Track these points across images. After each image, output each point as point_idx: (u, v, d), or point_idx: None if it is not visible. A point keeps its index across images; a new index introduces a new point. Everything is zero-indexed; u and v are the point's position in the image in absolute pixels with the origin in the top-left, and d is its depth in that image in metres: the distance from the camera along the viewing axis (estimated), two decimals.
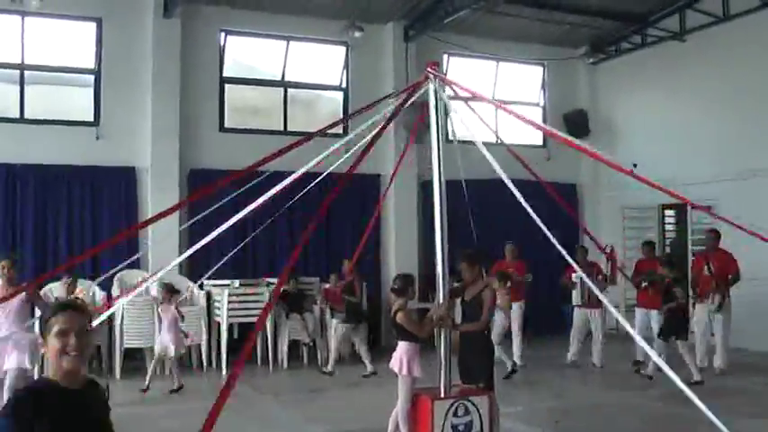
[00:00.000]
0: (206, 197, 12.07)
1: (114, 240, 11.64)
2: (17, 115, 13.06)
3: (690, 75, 15.15)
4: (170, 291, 11.15)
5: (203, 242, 6.51)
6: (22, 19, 13.01)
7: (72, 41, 13.58)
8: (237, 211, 6.83)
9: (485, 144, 7.66)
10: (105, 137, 13.34)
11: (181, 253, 13.09)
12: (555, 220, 8.37)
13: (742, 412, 8.75)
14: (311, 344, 12.84)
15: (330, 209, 13.69)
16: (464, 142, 8.47)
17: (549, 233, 6.65)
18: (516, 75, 17.40)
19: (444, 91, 7.67)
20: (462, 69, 16.38)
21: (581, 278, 12.12)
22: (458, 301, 7.91)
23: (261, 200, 6.67)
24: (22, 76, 13.11)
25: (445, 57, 15.99)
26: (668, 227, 16.74)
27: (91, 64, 13.56)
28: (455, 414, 7.11)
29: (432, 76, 7.42)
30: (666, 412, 9.48)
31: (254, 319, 12.45)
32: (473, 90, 8.48)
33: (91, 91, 13.53)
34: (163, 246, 11.92)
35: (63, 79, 13.73)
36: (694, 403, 4.85)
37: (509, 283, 11.78)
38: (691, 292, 12.40)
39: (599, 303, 12.27)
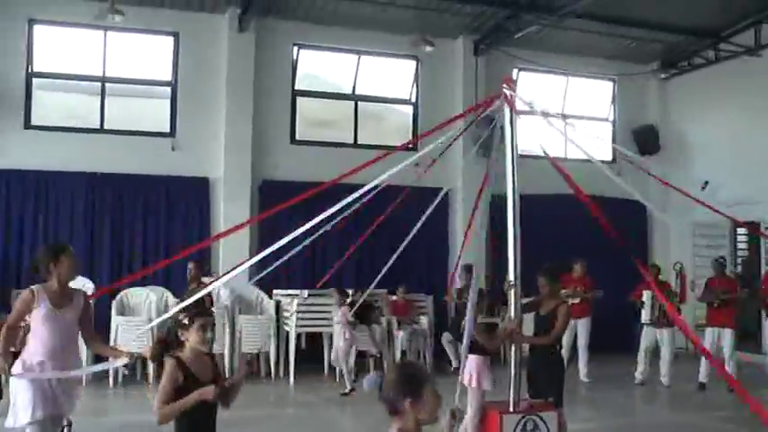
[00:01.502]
0: (275, 209, 12.36)
1: (188, 251, 11.90)
2: (97, 126, 13.52)
3: (764, 90, 14.87)
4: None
5: (270, 249, 6.69)
6: (105, 34, 13.48)
7: (150, 55, 13.99)
8: (304, 224, 7.02)
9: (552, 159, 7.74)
10: (180, 148, 13.69)
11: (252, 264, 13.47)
12: (625, 237, 8.38)
13: None
14: (378, 355, 12.94)
15: (399, 222, 13.89)
16: (531, 157, 8.52)
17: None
18: (586, 90, 17.32)
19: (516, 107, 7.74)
20: (532, 84, 16.38)
21: (651, 296, 12.07)
22: (529, 315, 7.94)
23: (328, 213, 6.78)
24: (103, 88, 13.57)
25: (515, 71, 16.00)
26: (740, 245, 16.46)
27: (168, 77, 13.94)
28: (523, 428, 7.14)
29: (506, 92, 7.51)
30: None
31: (322, 329, 12.66)
32: (543, 107, 8.51)
33: (167, 103, 13.91)
34: (234, 255, 12.18)
35: (141, 91, 14.16)
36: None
37: None
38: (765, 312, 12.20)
39: (668, 322, 12.17)
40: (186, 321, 4.56)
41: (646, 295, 12.33)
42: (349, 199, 7.21)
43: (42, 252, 5.74)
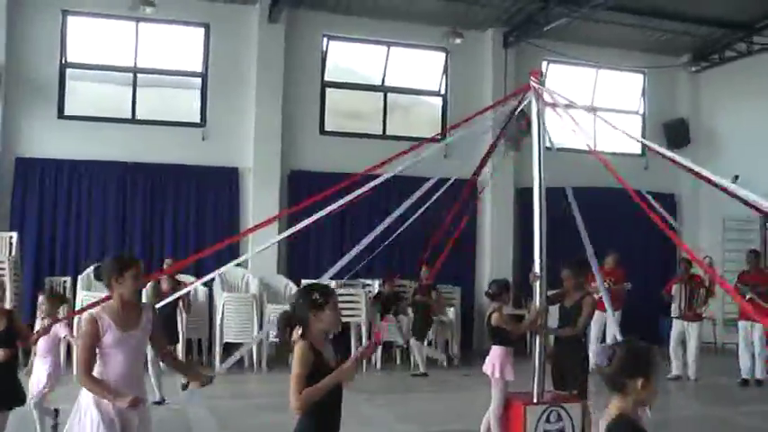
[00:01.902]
0: (306, 200, 12.38)
1: (220, 245, 11.99)
2: (129, 116, 13.69)
3: None
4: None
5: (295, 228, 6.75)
6: (137, 25, 13.65)
7: (181, 46, 14.13)
8: (336, 214, 7.11)
9: (580, 152, 7.78)
10: (211, 138, 13.82)
11: (279, 253, 13.61)
12: (653, 231, 8.38)
13: None
14: (405, 345, 13.02)
15: (427, 213, 13.95)
16: (562, 150, 8.53)
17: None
18: (616, 82, 17.23)
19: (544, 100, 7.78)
20: (561, 76, 16.33)
21: (680, 290, 12.05)
22: (554, 308, 7.96)
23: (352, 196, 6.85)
24: (135, 78, 13.73)
25: (544, 63, 15.96)
26: None
27: (198, 67, 14.07)
28: (547, 420, 7.19)
29: (534, 85, 7.55)
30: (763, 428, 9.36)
31: (350, 320, 12.74)
32: (571, 99, 8.51)
33: (198, 93, 14.05)
34: (262, 242, 12.28)
35: (172, 82, 14.31)
36: None
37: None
38: None
39: (697, 316, 12.16)
40: (321, 301, 4.34)
41: (675, 289, 12.29)
42: (375, 182, 7.30)
43: (108, 264, 4.95)
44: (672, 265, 15.09)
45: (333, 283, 12.89)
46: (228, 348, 12.67)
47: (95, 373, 4.69)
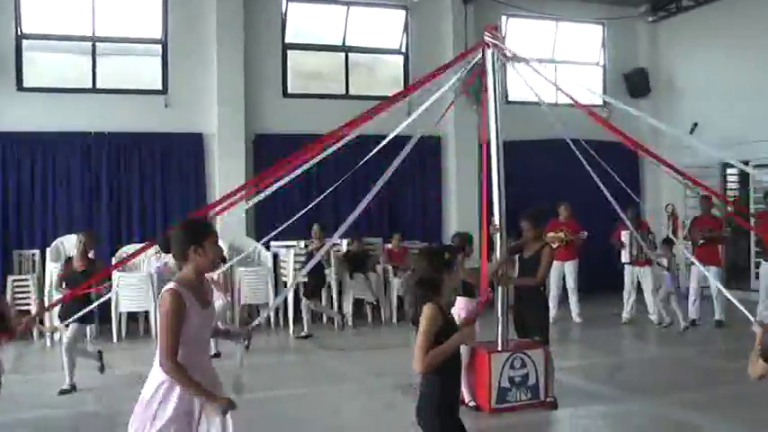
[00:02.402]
0: (272, 162, 12.48)
1: (189, 217, 12.01)
2: (90, 86, 13.59)
3: (752, 30, 14.88)
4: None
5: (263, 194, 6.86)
6: None
7: (140, 13, 14.00)
8: (302, 175, 7.22)
9: (539, 105, 7.94)
10: (173, 105, 13.77)
11: (248, 216, 13.68)
12: (612, 180, 8.57)
13: None
14: (375, 302, 13.21)
15: (393, 171, 14.06)
16: (522, 103, 8.67)
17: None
18: (576, 35, 17.34)
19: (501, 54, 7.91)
20: (521, 30, 16.42)
21: (630, 236, 12.36)
22: (516, 257, 8.16)
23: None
24: (93, 47, 13.62)
25: (504, 18, 16.04)
26: (730, 185, 16.64)
27: (158, 34, 13.97)
28: (511, 366, 7.44)
29: (489, 39, 7.68)
30: (722, 367, 9.65)
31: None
32: (527, 57, 8.63)
33: (159, 60, 13.97)
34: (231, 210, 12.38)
35: (132, 50, 14.19)
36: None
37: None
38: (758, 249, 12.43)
39: (647, 260, 12.46)
40: (450, 260, 4.36)
41: (624, 235, 12.58)
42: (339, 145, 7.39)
43: (184, 232, 4.27)
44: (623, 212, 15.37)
45: (302, 243, 13.10)
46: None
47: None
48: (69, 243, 12.38)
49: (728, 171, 16.25)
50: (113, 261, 12.12)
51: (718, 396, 8.23)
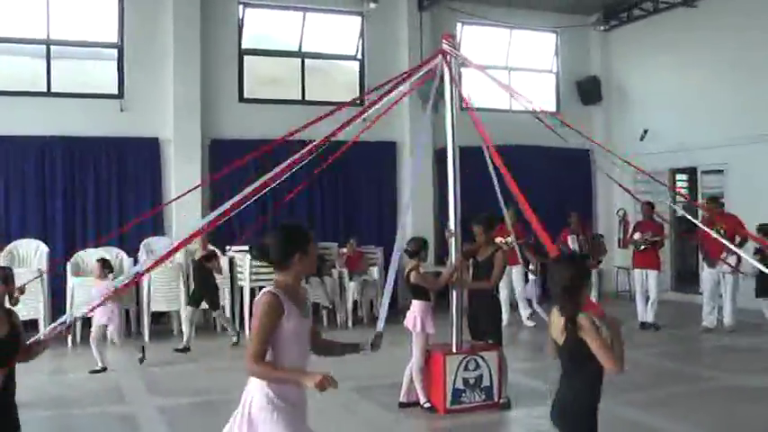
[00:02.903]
0: (228, 167, 12.48)
1: (143, 216, 12.08)
2: (44, 89, 13.49)
3: (701, 40, 15.27)
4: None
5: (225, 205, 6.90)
6: None
7: (95, 17, 13.93)
8: (257, 180, 7.28)
9: (496, 111, 8.12)
10: (129, 109, 13.73)
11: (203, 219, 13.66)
12: (568, 185, 8.78)
13: (754, 369, 9.27)
14: (331, 306, 13.29)
15: (347, 175, 14.17)
16: (475, 109, 8.82)
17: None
18: (530, 42, 17.61)
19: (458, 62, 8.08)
20: (476, 38, 16.64)
21: (576, 240, 12.65)
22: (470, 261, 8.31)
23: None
24: (48, 50, 13.52)
25: (459, 25, 16.25)
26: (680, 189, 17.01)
27: (114, 38, 13.93)
28: (466, 368, 7.58)
29: (446, 48, 7.84)
30: (668, 367, 9.95)
31: None
32: (483, 64, 8.82)
33: (114, 64, 13.92)
34: (186, 216, 12.48)
35: (88, 54, 14.15)
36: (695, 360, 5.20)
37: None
38: (701, 255, 12.75)
39: (592, 265, 12.78)
40: None
41: (571, 239, 12.85)
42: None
43: (285, 238, 4.09)
44: (588, 218, 15.67)
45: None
46: (156, 318, 12.83)
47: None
48: (23, 248, 12.33)
49: (677, 177, 16.62)
50: (68, 266, 12.09)
51: (669, 395, 8.49)
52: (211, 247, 12.35)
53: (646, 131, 16.02)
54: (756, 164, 13.71)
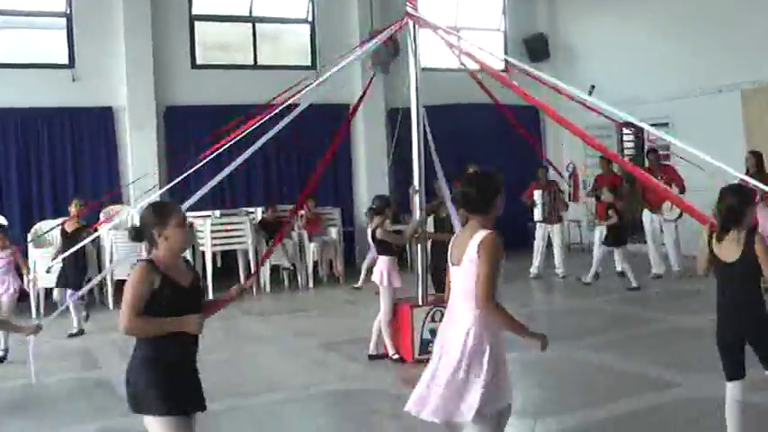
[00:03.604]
0: (183, 134, 12.67)
1: (102, 198, 12.07)
2: None
3: None
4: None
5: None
6: None
7: None
8: (212, 145, 7.50)
9: (449, 71, 8.38)
10: (81, 78, 13.65)
11: (160, 188, 13.74)
12: (517, 142, 9.06)
13: (694, 310, 9.75)
14: (291, 268, 13.49)
15: (302, 138, 14.31)
16: (432, 70, 9.07)
17: None
18: (478, 1, 17.76)
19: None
20: None
21: (542, 195, 12.97)
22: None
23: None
24: None
25: None
26: (627, 144, 17.45)
27: (62, 7, 13.80)
28: (432, 319, 7.87)
29: (411, 12, 8.07)
30: (624, 312, 10.46)
31: (236, 247, 13.15)
32: (443, 26, 9.00)
33: (64, 34, 13.80)
34: (142, 180, 12.46)
35: (36, 23, 14.02)
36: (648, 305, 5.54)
37: None
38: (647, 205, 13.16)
39: (558, 219, 13.15)
40: None
41: (536, 195, 13.16)
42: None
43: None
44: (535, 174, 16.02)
45: (217, 213, 13.29)
46: (120, 285, 12.89)
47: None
48: None
49: (624, 131, 17.02)
50: (29, 238, 12.09)
51: (627, 337, 9.03)
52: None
53: (593, 87, 16.33)
54: (699, 117, 14.12)
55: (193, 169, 7.69)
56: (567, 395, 7.02)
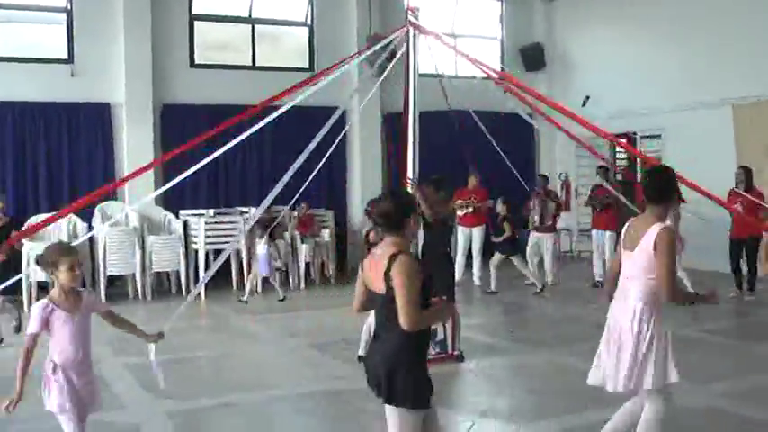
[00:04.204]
0: (179, 132, 12.71)
1: (97, 194, 12.06)
2: None
3: (642, 8, 15.65)
4: None
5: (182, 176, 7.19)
6: None
7: None
8: (209, 145, 7.61)
9: (448, 77, 8.53)
10: (80, 74, 13.72)
11: (156, 186, 13.83)
12: (514, 149, 9.17)
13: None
14: (283, 268, 13.56)
15: (298, 141, 14.39)
16: (430, 76, 9.18)
17: None
18: (475, 9, 17.89)
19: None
20: (423, 4, 16.79)
21: (536, 204, 13.11)
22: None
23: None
24: None
25: None
26: (619, 155, 17.58)
27: (62, 2, 13.87)
28: None
29: (413, 20, 8.22)
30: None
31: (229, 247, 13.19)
32: (439, 34, 9.15)
33: (64, 29, 13.86)
34: (139, 179, 12.51)
35: (36, 18, 14.09)
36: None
37: None
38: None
39: (550, 229, 13.25)
40: None
41: (532, 203, 13.27)
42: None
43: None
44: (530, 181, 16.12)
45: (211, 212, 13.36)
46: (112, 281, 12.98)
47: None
48: None
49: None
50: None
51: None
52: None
53: (588, 98, 16.48)
54: (692, 129, 14.26)
55: (192, 170, 7.74)
56: (551, 400, 7.11)
